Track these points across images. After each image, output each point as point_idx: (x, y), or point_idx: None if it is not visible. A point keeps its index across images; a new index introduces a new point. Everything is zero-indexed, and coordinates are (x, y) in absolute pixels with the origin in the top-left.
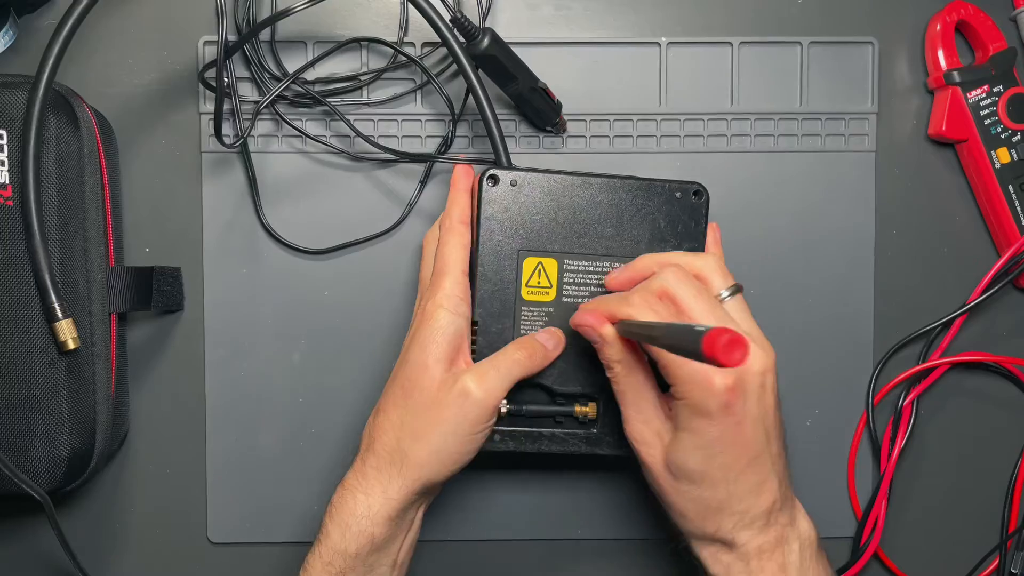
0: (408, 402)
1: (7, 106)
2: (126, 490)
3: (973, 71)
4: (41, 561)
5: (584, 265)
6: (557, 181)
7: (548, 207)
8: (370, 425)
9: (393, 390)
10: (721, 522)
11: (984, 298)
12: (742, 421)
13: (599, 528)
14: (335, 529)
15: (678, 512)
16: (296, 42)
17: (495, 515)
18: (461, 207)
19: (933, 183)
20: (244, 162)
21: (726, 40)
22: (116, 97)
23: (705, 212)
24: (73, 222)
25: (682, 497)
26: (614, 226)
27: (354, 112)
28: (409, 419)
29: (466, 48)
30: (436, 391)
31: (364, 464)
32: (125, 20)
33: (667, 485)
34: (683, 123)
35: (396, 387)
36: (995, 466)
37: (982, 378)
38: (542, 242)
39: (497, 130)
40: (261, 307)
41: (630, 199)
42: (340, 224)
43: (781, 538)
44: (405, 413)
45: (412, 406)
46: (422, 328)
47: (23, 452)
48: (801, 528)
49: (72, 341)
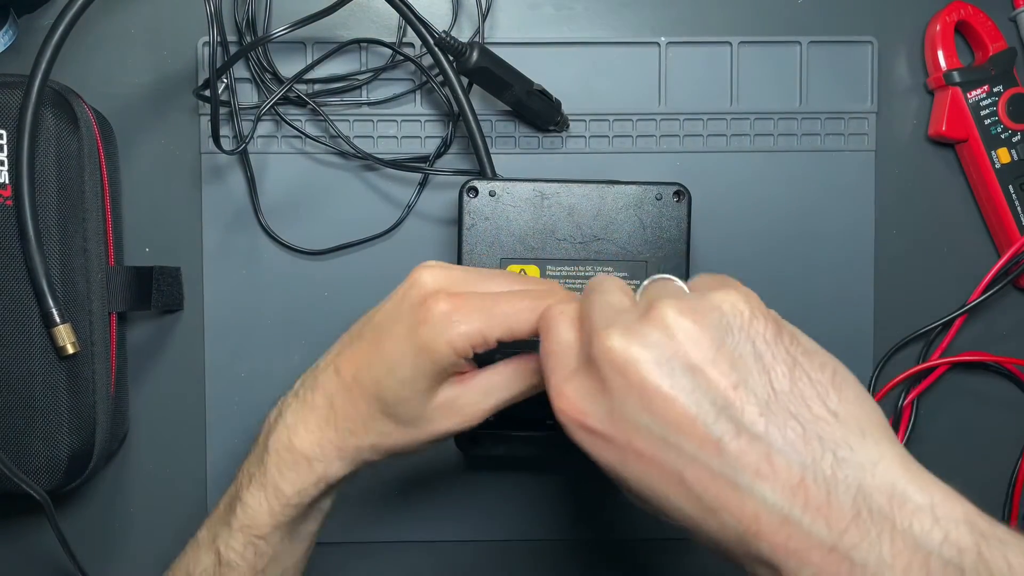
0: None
1: (6, 106)
2: (126, 490)
3: (973, 71)
4: (41, 561)
5: (567, 270)
6: (537, 189)
7: (529, 215)
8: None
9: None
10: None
11: (984, 298)
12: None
13: (600, 528)
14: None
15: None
16: (296, 43)
17: (494, 515)
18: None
19: (933, 183)
20: (244, 163)
21: (726, 40)
22: (116, 97)
23: (687, 211)
24: (73, 221)
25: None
26: (596, 231)
27: (354, 112)
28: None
29: (456, 66)
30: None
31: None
32: (125, 20)
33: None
34: (683, 123)
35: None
36: (995, 466)
37: (982, 378)
38: (524, 249)
39: (481, 141)
40: (261, 307)
41: (611, 203)
42: (340, 225)
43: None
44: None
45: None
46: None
47: (23, 452)
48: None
49: (71, 346)
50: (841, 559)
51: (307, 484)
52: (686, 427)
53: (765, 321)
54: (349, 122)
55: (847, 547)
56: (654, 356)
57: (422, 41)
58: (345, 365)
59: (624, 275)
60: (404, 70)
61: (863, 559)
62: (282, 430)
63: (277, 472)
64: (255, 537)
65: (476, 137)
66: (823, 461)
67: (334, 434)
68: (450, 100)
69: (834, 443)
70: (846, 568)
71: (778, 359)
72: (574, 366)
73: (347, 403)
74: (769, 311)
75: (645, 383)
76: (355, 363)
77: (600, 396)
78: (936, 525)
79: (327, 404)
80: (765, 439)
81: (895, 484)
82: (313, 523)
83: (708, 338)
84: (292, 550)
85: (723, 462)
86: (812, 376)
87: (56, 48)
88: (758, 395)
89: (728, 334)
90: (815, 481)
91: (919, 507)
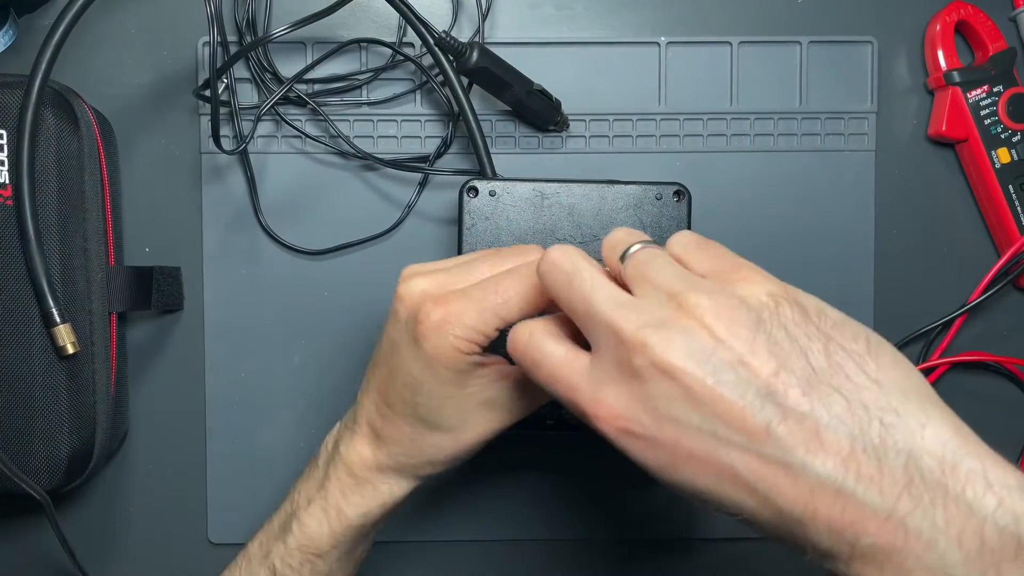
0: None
1: (6, 106)
2: (126, 490)
3: (973, 71)
4: (41, 561)
5: None
6: (537, 189)
7: (529, 215)
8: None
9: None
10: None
11: (984, 298)
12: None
13: (601, 528)
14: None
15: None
16: (296, 43)
17: (494, 515)
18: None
19: (933, 183)
20: (244, 163)
21: (725, 40)
22: (116, 97)
23: (687, 211)
24: (73, 221)
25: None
26: (596, 230)
27: (354, 112)
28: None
29: (456, 66)
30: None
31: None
32: (125, 20)
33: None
34: (683, 123)
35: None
36: None
37: (982, 378)
38: None
39: (481, 141)
40: (261, 307)
41: (611, 203)
42: (340, 225)
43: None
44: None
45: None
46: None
47: (23, 451)
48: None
49: (71, 346)
50: (896, 527)
51: (372, 507)
52: (736, 420)
53: (791, 306)
54: (349, 122)
55: (902, 514)
56: (696, 356)
57: (422, 41)
58: (374, 396)
59: None
60: (404, 70)
61: (917, 526)
62: (344, 455)
63: (341, 496)
64: (313, 555)
65: (476, 137)
66: (871, 429)
67: (387, 459)
68: (450, 100)
69: (880, 409)
70: (901, 536)
71: (812, 338)
72: (597, 375)
73: (391, 429)
74: (788, 290)
75: (691, 383)
76: (381, 392)
77: (642, 400)
78: (989, 491)
79: (372, 433)
80: (812, 416)
81: (945, 447)
82: (368, 542)
83: (744, 331)
84: (346, 567)
85: (774, 446)
86: (847, 347)
87: (56, 48)
88: (799, 376)
89: (760, 325)
90: (865, 450)
91: (971, 472)
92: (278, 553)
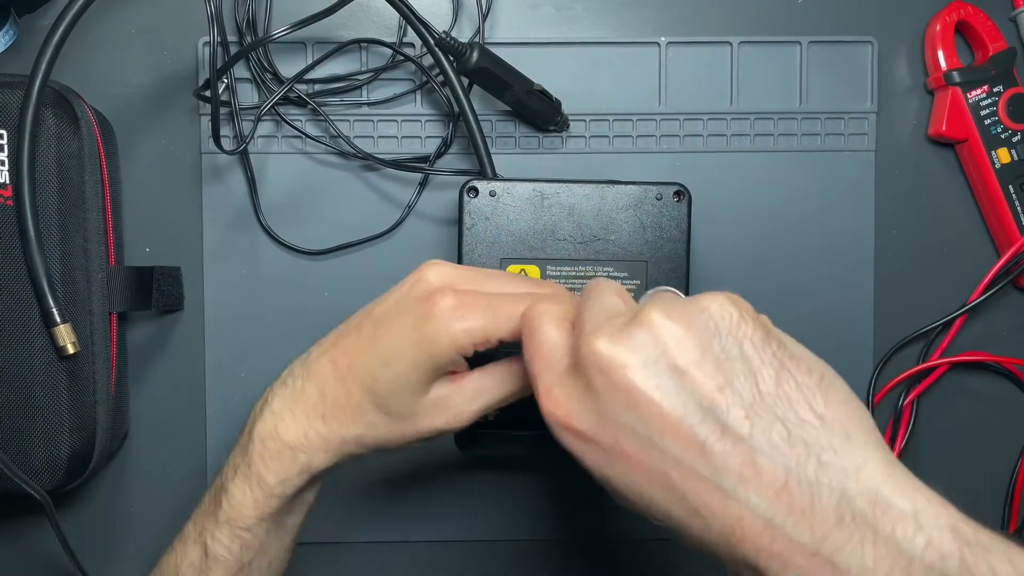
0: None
1: (6, 106)
2: (126, 490)
3: (973, 71)
4: (41, 561)
5: (567, 270)
6: (537, 189)
7: (529, 215)
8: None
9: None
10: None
11: (984, 298)
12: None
13: (597, 528)
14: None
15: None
16: (296, 44)
17: (490, 515)
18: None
19: (933, 183)
20: (244, 163)
21: (725, 40)
22: (116, 97)
23: (687, 211)
24: (73, 221)
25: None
26: (596, 230)
27: (354, 112)
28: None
29: (456, 66)
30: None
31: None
32: (125, 20)
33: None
34: (683, 123)
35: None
36: (995, 466)
37: (982, 378)
38: (524, 249)
39: (481, 141)
40: (261, 307)
41: (611, 203)
42: (340, 225)
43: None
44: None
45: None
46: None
47: (23, 451)
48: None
49: (71, 346)
50: (824, 563)
51: (291, 474)
52: (671, 428)
53: (753, 324)
54: (349, 122)
55: (830, 551)
56: (640, 358)
57: (422, 41)
58: (341, 355)
59: (624, 275)
60: (404, 70)
61: (846, 563)
62: (268, 418)
63: (261, 462)
64: (240, 529)
65: (476, 137)
66: (807, 465)
67: (321, 424)
68: (450, 100)
69: (819, 447)
70: (829, 572)
71: (765, 362)
72: (561, 368)
73: (339, 392)
74: (759, 316)
75: (631, 384)
76: (352, 353)
77: (587, 398)
78: (919, 531)
79: (318, 393)
80: (750, 441)
81: (879, 490)
82: (298, 515)
83: (694, 340)
84: (277, 542)
85: (708, 463)
86: (799, 380)
87: (56, 48)
88: (744, 397)
89: (715, 336)
90: (799, 485)
91: (902, 513)
92: (209, 531)
